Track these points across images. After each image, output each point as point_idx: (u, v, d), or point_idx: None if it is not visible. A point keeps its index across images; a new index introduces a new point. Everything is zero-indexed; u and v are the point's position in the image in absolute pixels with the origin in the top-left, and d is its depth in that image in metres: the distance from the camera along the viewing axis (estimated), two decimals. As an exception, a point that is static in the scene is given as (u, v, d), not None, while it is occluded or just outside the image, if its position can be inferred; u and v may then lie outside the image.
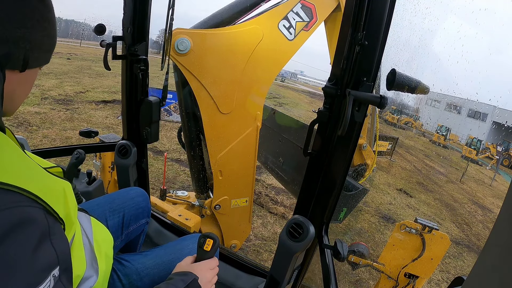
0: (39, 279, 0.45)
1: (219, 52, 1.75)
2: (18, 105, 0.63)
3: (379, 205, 6.43)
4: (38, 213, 0.49)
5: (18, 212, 0.46)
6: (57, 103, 7.80)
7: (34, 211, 0.48)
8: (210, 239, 0.86)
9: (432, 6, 10.77)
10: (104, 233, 0.88)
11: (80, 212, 0.81)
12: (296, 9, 1.90)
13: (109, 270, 0.85)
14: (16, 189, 0.47)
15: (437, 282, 4.15)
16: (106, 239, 0.87)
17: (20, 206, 0.46)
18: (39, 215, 0.49)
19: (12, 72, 0.55)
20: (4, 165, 0.48)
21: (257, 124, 1.99)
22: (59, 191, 0.58)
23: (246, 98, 1.89)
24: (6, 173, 0.47)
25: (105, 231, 0.89)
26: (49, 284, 0.46)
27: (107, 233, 0.90)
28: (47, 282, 0.46)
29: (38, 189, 0.50)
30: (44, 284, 0.45)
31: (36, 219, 0.48)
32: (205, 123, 1.86)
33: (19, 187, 0.47)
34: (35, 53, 0.58)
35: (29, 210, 0.48)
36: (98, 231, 0.84)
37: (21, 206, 0.46)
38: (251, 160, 2.07)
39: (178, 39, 1.62)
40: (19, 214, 0.46)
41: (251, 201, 2.22)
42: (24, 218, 0.46)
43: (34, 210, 0.48)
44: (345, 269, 3.39)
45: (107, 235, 0.89)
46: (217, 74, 1.77)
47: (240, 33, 1.79)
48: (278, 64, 1.95)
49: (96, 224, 0.85)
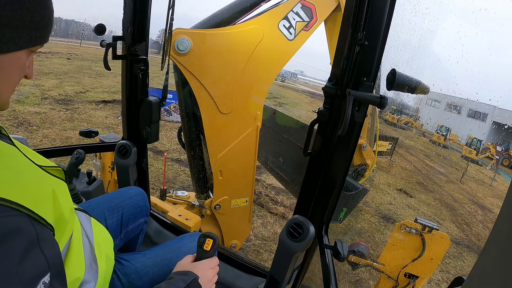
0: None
1: (219, 52, 1.75)
2: (2, 98, 0.55)
3: (379, 205, 6.43)
4: (22, 222, 0.47)
5: (0, 224, 0.44)
6: (57, 103, 7.80)
7: (17, 220, 0.46)
8: (210, 239, 0.86)
9: (432, 6, 10.70)
10: (104, 234, 0.88)
11: (80, 212, 0.81)
12: (296, 9, 1.90)
13: (110, 271, 0.84)
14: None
15: (437, 282, 4.15)
16: (107, 240, 0.87)
17: (2, 217, 0.44)
18: (24, 223, 0.47)
19: None
20: None
21: (257, 124, 1.98)
22: (46, 193, 0.56)
23: (246, 98, 1.89)
24: None
25: (105, 232, 0.89)
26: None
27: (107, 234, 0.90)
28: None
29: (19, 196, 0.48)
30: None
31: (21, 228, 0.46)
32: (205, 123, 1.86)
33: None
34: (6, 33, 0.49)
35: (12, 220, 0.46)
36: (98, 232, 0.84)
37: (2, 217, 0.44)
38: (251, 160, 2.07)
39: (178, 39, 1.62)
40: (1, 225, 0.44)
41: (251, 201, 2.22)
42: (7, 228, 0.44)
43: (17, 219, 0.47)
44: (345, 269, 3.39)
45: (107, 236, 0.89)
46: (217, 74, 1.77)
47: (240, 33, 1.79)
48: (278, 64, 1.95)
49: (96, 225, 0.85)
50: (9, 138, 0.62)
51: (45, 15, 0.55)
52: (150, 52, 1.53)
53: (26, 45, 0.54)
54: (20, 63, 0.55)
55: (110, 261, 0.85)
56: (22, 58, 0.55)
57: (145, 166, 1.68)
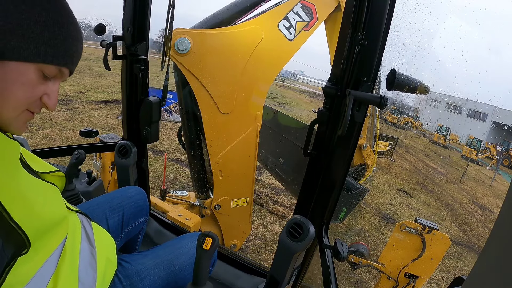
0: None
1: (219, 52, 1.76)
2: (6, 113, 0.53)
3: (379, 205, 6.42)
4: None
5: None
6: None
7: None
8: (210, 238, 0.86)
9: (432, 6, 10.70)
10: (107, 238, 0.88)
11: (82, 216, 0.81)
12: (296, 9, 1.91)
13: (111, 274, 0.84)
14: None
15: (437, 282, 4.15)
16: (109, 244, 0.87)
17: None
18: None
19: None
20: None
21: (257, 124, 1.99)
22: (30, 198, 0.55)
23: (246, 98, 1.90)
24: None
25: (107, 236, 0.89)
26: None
27: (110, 238, 0.89)
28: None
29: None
30: None
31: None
32: (205, 123, 1.86)
33: None
34: (10, 40, 0.49)
35: None
36: (100, 236, 0.83)
37: None
38: (251, 160, 2.07)
39: (178, 39, 1.62)
40: None
41: (251, 201, 2.22)
42: None
43: None
44: (345, 269, 3.39)
45: (110, 240, 0.89)
46: (217, 74, 1.77)
47: (240, 33, 1.79)
48: (278, 64, 1.95)
49: (98, 229, 0.85)
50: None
51: (59, 34, 0.55)
52: (150, 52, 1.53)
53: (33, 59, 0.53)
54: (27, 78, 0.53)
55: (112, 265, 0.84)
56: (28, 73, 0.53)
57: (145, 166, 1.68)
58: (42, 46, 0.53)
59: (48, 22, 0.53)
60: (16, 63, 0.51)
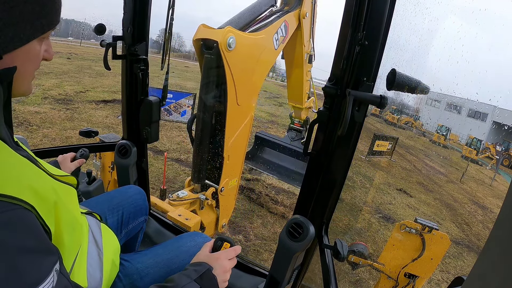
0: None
1: (252, 53, 2.12)
2: (23, 87, 0.58)
3: (379, 205, 6.43)
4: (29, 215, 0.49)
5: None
6: (57, 102, 7.80)
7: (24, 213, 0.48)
8: (227, 243, 0.86)
9: (432, 6, 10.84)
10: (113, 240, 0.88)
11: (90, 217, 0.80)
12: (282, 25, 2.45)
13: (114, 276, 0.84)
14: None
15: (437, 282, 4.15)
16: (115, 247, 0.87)
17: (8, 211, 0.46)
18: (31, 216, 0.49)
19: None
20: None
21: (252, 113, 2.39)
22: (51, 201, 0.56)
23: (250, 93, 2.25)
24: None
25: (114, 239, 0.89)
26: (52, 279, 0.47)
27: (116, 241, 0.89)
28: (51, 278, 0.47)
29: (29, 197, 0.50)
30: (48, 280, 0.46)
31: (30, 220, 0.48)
32: (228, 113, 2.11)
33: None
34: (8, 32, 0.49)
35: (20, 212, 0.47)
36: (108, 238, 0.83)
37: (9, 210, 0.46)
38: (245, 143, 2.46)
39: (230, 36, 1.82)
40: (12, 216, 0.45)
41: (239, 180, 2.58)
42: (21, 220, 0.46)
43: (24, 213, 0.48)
44: (345, 269, 3.39)
45: (115, 242, 0.89)
46: (244, 71, 2.08)
47: (262, 39, 2.21)
48: (268, 67, 2.45)
49: (106, 231, 0.85)
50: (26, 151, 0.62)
51: (47, 2, 0.54)
52: (150, 52, 1.53)
53: (34, 36, 0.54)
54: (34, 52, 0.56)
55: (115, 268, 0.85)
56: (35, 47, 0.55)
57: (145, 166, 1.68)
58: (37, 21, 0.53)
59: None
60: (21, 48, 0.53)
